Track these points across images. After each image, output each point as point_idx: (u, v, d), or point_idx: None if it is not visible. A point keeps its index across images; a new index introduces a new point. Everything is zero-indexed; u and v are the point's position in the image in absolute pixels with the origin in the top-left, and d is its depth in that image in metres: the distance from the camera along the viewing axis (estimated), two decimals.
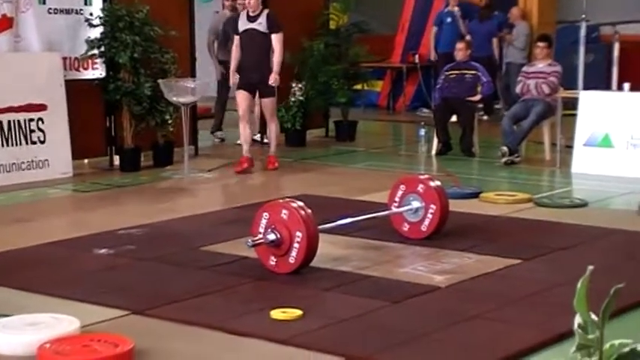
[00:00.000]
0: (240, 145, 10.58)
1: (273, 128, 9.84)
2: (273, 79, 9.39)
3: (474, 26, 13.92)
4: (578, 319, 2.30)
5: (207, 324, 4.51)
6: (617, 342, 2.28)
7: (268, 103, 9.63)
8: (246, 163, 9.46)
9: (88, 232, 6.70)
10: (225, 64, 11.53)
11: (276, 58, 9.41)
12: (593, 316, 2.28)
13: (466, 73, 10.74)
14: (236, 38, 9.58)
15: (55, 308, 4.59)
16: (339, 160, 10.53)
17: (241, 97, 9.53)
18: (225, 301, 4.93)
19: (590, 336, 2.27)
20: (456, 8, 13.98)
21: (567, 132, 9.89)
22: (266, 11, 9.47)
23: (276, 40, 9.40)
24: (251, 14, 9.47)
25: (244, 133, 9.63)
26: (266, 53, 9.47)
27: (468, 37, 13.49)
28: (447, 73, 10.88)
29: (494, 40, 13.76)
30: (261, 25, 9.41)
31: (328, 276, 5.40)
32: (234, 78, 9.62)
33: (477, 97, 10.72)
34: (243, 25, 9.52)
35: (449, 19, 14.03)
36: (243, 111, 9.54)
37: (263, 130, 11.53)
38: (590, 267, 2.27)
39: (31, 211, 7.65)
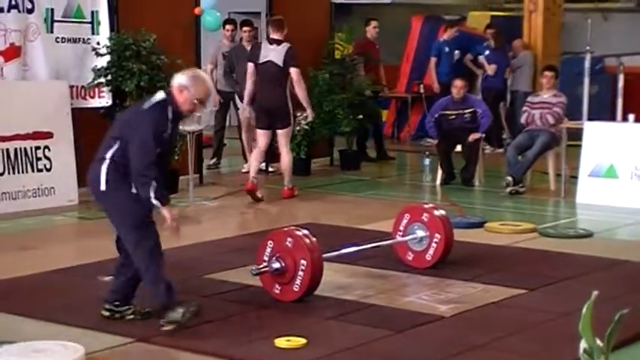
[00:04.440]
0: (245, 172, 10.65)
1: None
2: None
3: (493, 56, 13.77)
4: (583, 344, 2.30)
5: (212, 352, 4.51)
6: None
7: None
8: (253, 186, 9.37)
9: (93, 259, 6.69)
10: (221, 93, 11.60)
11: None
12: (599, 342, 2.28)
13: (465, 113, 10.70)
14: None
15: (59, 335, 4.59)
16: (344, 189, 10.54)
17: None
18: (230, 329, 4.93)
19: None
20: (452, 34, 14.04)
21: (572, 162, 9.90)
22: None
23: None
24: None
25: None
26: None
27: (493, 66, 13.48)
28: (445, 113, 10.76)
29: (507, 71, 13.74)
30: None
31: (332, 304, 5.41)
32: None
33: (477, 136, 10.60)
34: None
35: (447, 49, 14.06)
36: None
37: (268, 159, 11.58)
38: (595, 292, 2.28)
39: (36, 239, 7.66)
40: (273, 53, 9.44)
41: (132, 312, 5.04)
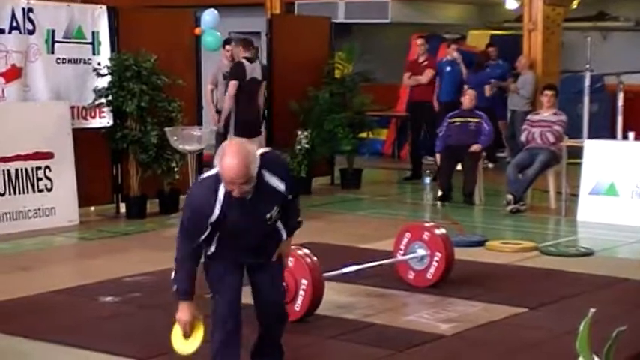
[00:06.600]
0: None
1: None
2: None
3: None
4: None
5: None
6: None
7: None
8: None
9: (94, 279, 6.71)
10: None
11: None
12: (596, 359, 2.28)
13: (470, 121, 10.76)
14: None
15: (60, 356, 4.58)
16: (345, 208, 10.54)
17: None
18: None
19: None
20: (456, 54, 13.99)
21: (572, 181, 9.90)
22: None
23: None
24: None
25: None
26: None
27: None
28: (451, 120, 10.87)
29: (487, 89, 13.72)
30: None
31: (333, 324, 5.40)
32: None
33: (477, 147, 10.65)
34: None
35: (448, 68, 14.04)
36: None
37: None
38: (592, 309, 2.28)
39: (37, 259, 7.66)
40: (256, 70, 10.40)
41: None
